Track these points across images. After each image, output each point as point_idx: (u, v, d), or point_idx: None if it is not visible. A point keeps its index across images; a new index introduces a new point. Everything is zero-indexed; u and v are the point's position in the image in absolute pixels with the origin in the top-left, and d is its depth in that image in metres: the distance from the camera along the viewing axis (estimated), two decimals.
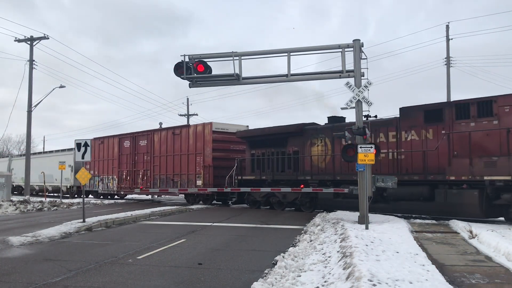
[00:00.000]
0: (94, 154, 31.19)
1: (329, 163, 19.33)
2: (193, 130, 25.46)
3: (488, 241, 9.98)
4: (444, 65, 32.14)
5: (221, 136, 24.91)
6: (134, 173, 29.06)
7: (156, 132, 28.05)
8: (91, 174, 30.55)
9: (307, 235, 12.13)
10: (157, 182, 27.16)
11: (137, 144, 29.10)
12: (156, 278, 7.68)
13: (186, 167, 25.43)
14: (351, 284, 6.05)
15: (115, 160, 30.80)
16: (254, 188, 21.71)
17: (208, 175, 24.23)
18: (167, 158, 26.65)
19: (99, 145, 32.36)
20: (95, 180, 32.76)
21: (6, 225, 16.17)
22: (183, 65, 15.08)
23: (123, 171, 30.05)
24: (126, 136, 30.53)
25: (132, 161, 29.27)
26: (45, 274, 7.98)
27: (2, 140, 70.84)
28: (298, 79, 16.06)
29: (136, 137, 29.39)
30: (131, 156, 29.38)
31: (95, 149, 31.46)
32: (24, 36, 30.84)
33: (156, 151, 27.50)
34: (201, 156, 24.67)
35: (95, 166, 32.82)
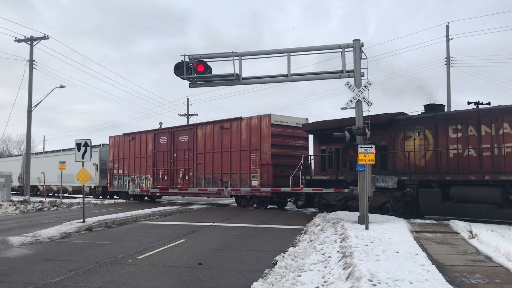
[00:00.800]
0: (123, 151, 30.09)
1: (431, 160, 16.02)
2: (247, 124, 22.45)
3: (488, 241, 9.98)
4: (444, 65, 32.16)
5: (280, 130, 21.92)
6: (173, 172, 26.19)
7: (200, 127, 25.20)
8: (120, 173, 30.00)
9: (307, 235, 12.13)
10: (201, 183, 24.44)
11: (176, 140, 26.25)
12: (156, 278, 7.68)
13: (237, 166, 22.56)
14: (351, 284, 6.04)
15: (149, 158, 28.00)
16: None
17: (266, 174, 21.24)
18: (214, 155, 23.85)
19: (130, 141, 29.63)
20: (125, 180, 29.95)
21: (6, 225, 16.17)
22: (183, 65, 15.10)
23: (159, 170, 27.20)
24: (162, 132, 27.71)
25: (171, 159, 26.31)
26: (45, 274, 7.98)
27: (2, 140, 70.90)
28: (298, 79, 16.07)
29: (175, 132, 26.54)
30: (169, 153, 26.47)
31: (124, 145, 29.96)
32: (25, 36, 30.83)
33: (200, 147, 24.74)
34: (256, 152, 21.75)
35: (124, 165, 30.12)
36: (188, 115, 49.18)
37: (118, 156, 30.56)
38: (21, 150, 70.82)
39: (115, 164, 30.83)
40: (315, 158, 20.09)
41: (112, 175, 31.14)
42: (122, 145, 30.27)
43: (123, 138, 30.30)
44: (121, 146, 30.28)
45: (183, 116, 49.45)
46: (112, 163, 31.08)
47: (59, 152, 39.43)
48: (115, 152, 30.90)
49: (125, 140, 30.05)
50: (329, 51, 15.16)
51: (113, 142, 31.32)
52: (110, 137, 31.75)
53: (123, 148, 30.20)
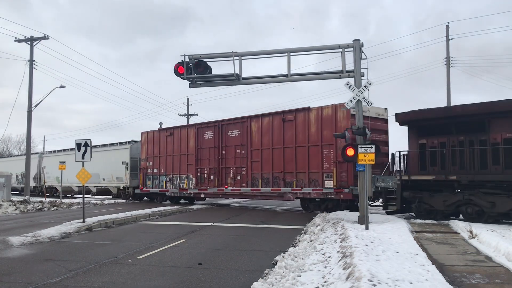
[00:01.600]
0: (159, 148, 27.38)
1: None
2: (317, 115, 19.37)
3: (488, 241, 9.98)
4: (444, 65, 32.18)
5: None
6: (221, 171, 23.43)
7: (255, 119, 22.21)
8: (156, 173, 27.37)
9: (307, 235, 12.13)
10: (257, 183, 21.49)
11: (224, 135, 23.47)
12: (156, 278, 7.68)
13: (305, 164, 19.45)
14: (351, 284, 6.04)
15: (190, 155, 25.27)
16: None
17: (345, 173, 18.23)
18: (274, 152, 20.91)
19: (167, 137, 26.94)
20: (161, 180, 27.17)
21: (6, 225, 16.17)
22: (183, 65, 15.11)
23: (203, 169, 24.50)
24: (207, 126, 24.87)
25: (218, 157, 23.54)
26: (45, 274, 7.98)
27: (2, 140, 70.87)
28: (298, 79, 16.08)
29: (224, 126, 23.71)
30: (216, 150, 23.69)
31: (160, 142, 27.29)
32: (25, 36, 30.83)
33: (255, 143, 21.91)
34: (331, 148, 18.73)
35: (160, 163, 27.29)
36: (188, 115, 49.20)
37: (152, 154, 27.85)
38: (21, 150, 70.88)
39: (149, 163, 28.04)
40: (411, 154, 16.43)
41: (145, 174, 28.30)
42: (158, 142, 27.57)
43: (159, 134, 27.59)
44: (156, 143, 27.66)
45: (183, 116, 49.48)
46: (146, 161, 28.33)
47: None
48: (149, 149, 28.17)
49: (161, 136, 27.35)
50: (329, 51, 15.17)
51: (146, 139, 28.62)
52: (142, 133, 29.11)
53: (159, 144, 27.46)
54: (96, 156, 32.74)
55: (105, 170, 31.75)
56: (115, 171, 30.75)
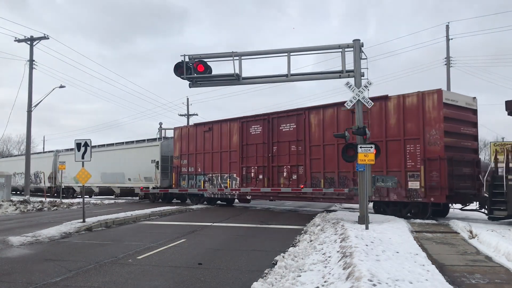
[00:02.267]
0: (195, 145, 25.11)
1: None
2: (397, 104, 16.74)
3: (488, 241, 9.98)
4: (444, 65, 32.18)
5: (451, 112, 16.09)
6: (272, 170, 21.00)
7: (315, 111, 19.61)
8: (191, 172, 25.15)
9: (307, 235, 12.13)
10: (318, 183, 19.11)
11: (276, 129, 21.07)
12: (156, 278, 7.68)
13: (381, 161, 16.52)
14: (351, 284, 6.04)
15: (234, 152, 22.91)
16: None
17: (436, 173, 15.55)
18: (340, 148, 17.69)
19: (204, 133, 24.67)
20: (198, 180, 24.82)
21: (6, 225, 16.17)
22: (183, 65, 15.11)
23: (250, 167, 22.03)
24: (254, 119, 22.28)
25: (268, 154, 21.19)
26: (45, 274, 7.98)
27: (2, 140, 70.88)
28: (298, 79, 16.08)
29: (274, 119, 21.25)
30: (266, 146, 21.35)
31: (196, 138, 25.03)
32: (25, 36, 30.82)
33: (315, 138, 19.44)
34: (417, 143, 16.16)
35: (196, 161, 24.99)
36: (188, 115, 49.19)
37: (187, 151, 25.54)
38: (21, 150, 70.88)
39: (183, 161, 25.71)
40: None
41: (179, 174, 26.01)
42: (193, 138, 25.29)
43: (195, 129, 25.35)
44: (192, 139, 25.39)
45: (183, 116, 49.46)
46: (179, 159, 26.02)
47: (103, 147, 34.03)
48: (183, 147, 25.88)
49: (197, 132, 25.07)
50: (329, 51, 15.16)
51: (179, 135, 26.37)
52: (175, 129, 27.10)
53: (195, 141, 25.15)
54: (121, 154, 31.19)
55: (131, 169, 29.69)
56: (143, 170, 28.60)
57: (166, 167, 27.82)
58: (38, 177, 40.15)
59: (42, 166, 39.22)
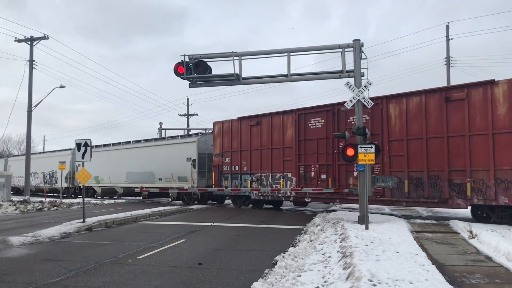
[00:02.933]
0: (239, 141, 22.65)
1: None
2: (509, 90, 14.24)
3: (488, 241, 9.99)
4: (444, 65, 32.18)
5: None
6: (338, 168, 18.44)
7: (394, 100, 16.90)
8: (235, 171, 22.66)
9: (307, 235, 12.13)
10: (401, 185, 16.29)
11: (343, 122, 18.34)
12: (156, 278, 7.68)
13: (487, 158, 14.38)
14: (351, 284, 6.05)
15: (288, 149, 20.41)
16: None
17: None
18: (428, 142, 15.81)
19: (251, 127, 22.16)
20: (243, 180, 22.30)
21: (6, 225, 16.17)
22: (183, 65, 15.12)
23: (309, 165, 19.52)
24: (314, 111, 19.59)
25: (334, 150, 18.58)
26: (45, 274, 7.99)
27: (2, 140, 70.87)
28: (298, 79, 16.08)
29: (340, 111, 18.43)
30: (330, 142, 18.68)
31: (241, 133, 22.61)
32: (25, 36, 30.82)
33: (395, 132, 16.69)
34: None
35: (241, 159, 22.49)
36: (188, 115, 49.19)
37: (230, 148, 23.01)
38: (21, 150, 70.87)
39: (225, 159, 23.27)
40: None
41: (220, 173, 23.46)
42: (237, 133, 22.83)
43: (239, 124, 22.76)
44: (236, 135, 22.93)
45: (183, 116, 49.45)
46: (220, 157, 23.52)
47: (128, 144, 31.64)
48: (225, 143, 23.33)
49: (242, 126, 22.55)
50: (329, 51, 15.17)
51: (220, 130, 23.76)
52: (215, 123, 24.26)
53: (239, 136, 22.66)
54: (150, 151, 28.62)
55: (162, 168, 27.34)
56: (176, 169, 26.26)
57: (203, 165, 25.57)
58: (53, 177, 38.14)
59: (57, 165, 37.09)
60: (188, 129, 40.82)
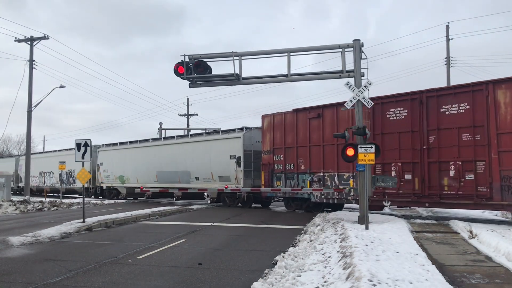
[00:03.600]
0: (294, 136, 19.86)
1: None
2: None
3: (488, 241, 9.99)
4: (444, 65, 32.18)
5: None
6: (428, 167, 15.55)
7: (504, 85, 14.13)
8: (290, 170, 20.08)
9: (307, 235, 12.13)
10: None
11: (433, 112, 15.48)
12: (156, 278, 7.68)
13: None
14: (351, 284, 6.05)
15: None
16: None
17: None
18: None
19: (310, 120, 19.29)
20: (301, 180, 19.67)
21: (6, 225, 16.17)
22: (183, 65, 15.11)
23: (388, 164, 16.84)
24: (395, 100, 16.67)
25: (422, 145, 15.68)
26: (45, 274, 7.99)
27: (2, 140, 70.87)
28: (298, 79, 16.08)
29: (432, 99, 15.60)
30: (416, 136, 15.88)
31: (297, 127, 19.86)
32: (25, 36, 30.82)
33: (506, 123, 14.01)
34: None
35: (298, 157, 19.75)
36: (188, 115, 49.16)
37: (283, 144, 20.43)
38: (21, 150, 70.88)
39: (277, 156, 20.72)
40: None
41: (271, 172, 20.93)
42: (293, 127, 20.14)
43: (294, 117, 20.08)
44: (291, 129, 20.26)
45: (183, 116, 49.41)
46: (271, 154, 20.98)
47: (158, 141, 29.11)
48: (277, 138, 20.78)
49: (298, 119, 19.94)
50: (329, 51, 15.16)
51: (270, 124, 21.18)
52: (264, 117, 21.68)
53: (295, 131, 20.00)
54: (185, 148, 26.04)
55: (200, 166, 24.76)
56: (217, 168, 23.76)
57: (248, 164, 22.86)
58: (71, 177, 35.68)
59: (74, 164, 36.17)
60: (188, 129, 40.82)
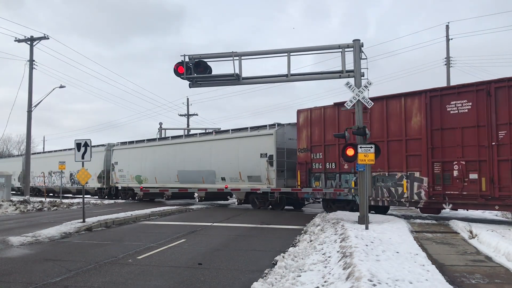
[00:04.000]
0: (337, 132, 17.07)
1: None
2: None
3: (488, 241, 9.99)
4: (444, 65, 32.18)
5: None
6: (499, 166, 13.96)
7: None
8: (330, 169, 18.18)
9: (307, 235, 12.13)
10: None
11: (504, 104, 13.99)
12: (156, 278, 7.68)
13: None
14: (351, 284, 6.05)
15: (413, 141, 15.95)
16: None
17: None
18: None
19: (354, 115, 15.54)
20: (344, 180, 17.78)
21: (6, 225, 16.17)
22: (183, 65, 15.11)
23: (449, 162, 15.04)
24: (456, 92, 15.14)
25: (490, 142, 14.15)
26: (45, 274, 7.99)
27: (2, 140, 70.86)
28: (298, 79, 16.07)
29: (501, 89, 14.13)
30: (484, 131, 14.29)
31: (339, 123, 17.92)
32: (25, 36, 30.81)
33: None
34: None
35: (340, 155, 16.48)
36: (188, 115, 49.15)
37: (323, 141, 18.52)
38: (21, 150, 70.86)
39: (315, 154, 18.90)
40: None
41: (308, 172, 19.13)
42: (334, 122, 18.24)
43: (335, 111, 18.18)
44: (331, 124, 18.35)
45: (183, 116, 49.39)
46: (309, 152, 19.11)
47: (179, 138, 27.10)
48: (315, 135, 18.96)
49: (339, 114, 17.97)
50: (329, 51, 15.16)
51: (307, 119, 19.29)
52: (300, 112, 19.82)
53: (336, 126, 17.94)
54: (209, 146, 24.19)
55: (226, 166, 23.05)
56: (246, 167, 21.98)
57: (281, 163, 21.11)
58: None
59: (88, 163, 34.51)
60: (188, 129, 40.81)
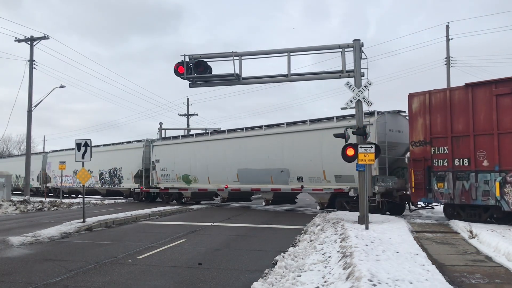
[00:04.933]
0: (470, 120, 13.91)
1: None
2: None
3: (488, 241, 9.98)
4: (444, 65, 32.17)
5: None
6: None
7: None
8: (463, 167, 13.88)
9: (307, 235, 12.13)
10: None
11: None
12: (156, 278, 7.68)
13: None
14: (351, 284, 6.05)
15: None
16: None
17: None
18: None
19: (498, 98, 13.44)
20: (479, 181, 13.72)
21: (6, 225, 16.17)
22: (183, 65, 15.12)
23: None
24: None
25: None
26: (45, 274, 7.99)
27: (2, 140, 70.84)
28: (298, 79, 16.08)
29: None
30: None
31: (474, 107, 13.90)
32: (25, 36, 30.81)
33: None
34: None
35: (476, 148, 13.84)
36: (188, 115, 49.13)
37: (450, 131, 14.48)
38: (21, 150, 70.86)
39: (437, 149, 14.82)
40: None
41: (427, 170, 14.97)
42: (465, 108, 14.17)
43: (468, 94, 14.11)
44: (462, 110, 14.28)
45: (183, 116, 49.36)
46: (428, 145, 15.01)
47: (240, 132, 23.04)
48: (438, 124, 14.84)
49: (474, 97, 13.97)
50: (329, 51, 15.16)
51: (424, 105, 15.17)
52: (412, 96, 15.56)
53: (469, 113, 14.03)
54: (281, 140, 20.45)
55: (304, 163, 19.38)
56: (332, 165, 18.13)
57: (382, 159, 17.01)
58: (116, 176, 30.51)
59: (122, 161, 28.97)
60: (188, 129, 40.81)
